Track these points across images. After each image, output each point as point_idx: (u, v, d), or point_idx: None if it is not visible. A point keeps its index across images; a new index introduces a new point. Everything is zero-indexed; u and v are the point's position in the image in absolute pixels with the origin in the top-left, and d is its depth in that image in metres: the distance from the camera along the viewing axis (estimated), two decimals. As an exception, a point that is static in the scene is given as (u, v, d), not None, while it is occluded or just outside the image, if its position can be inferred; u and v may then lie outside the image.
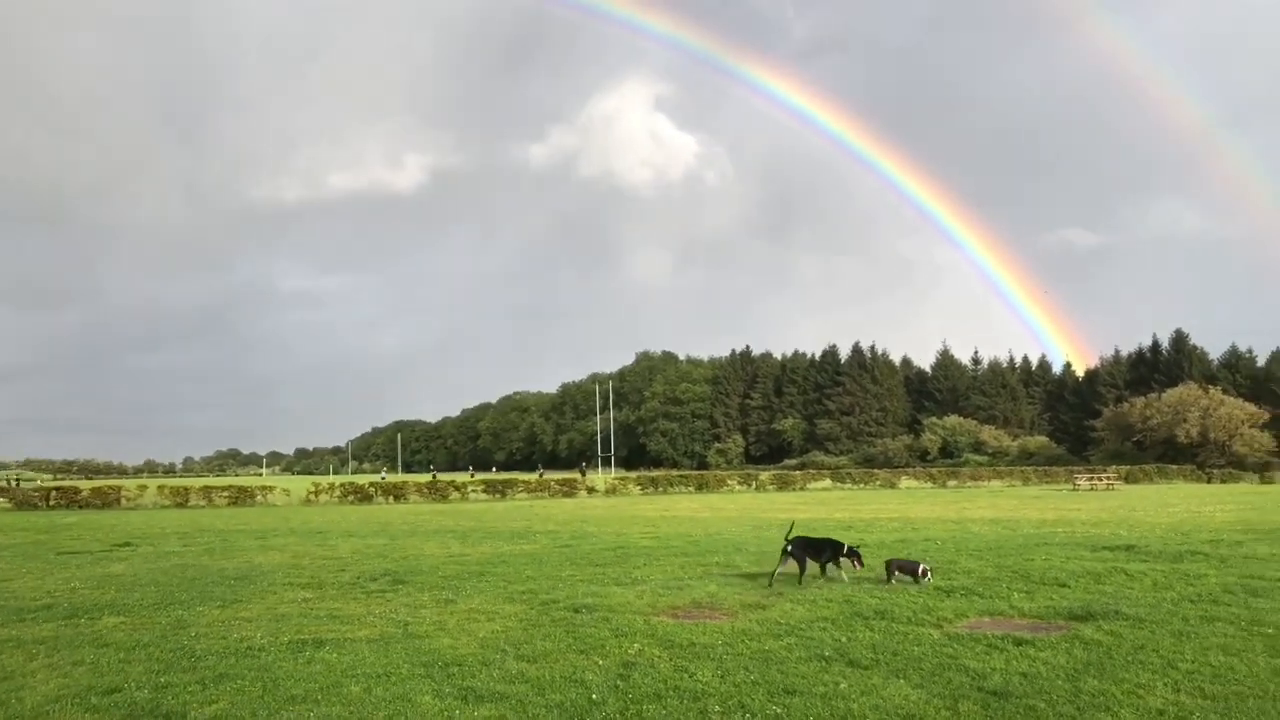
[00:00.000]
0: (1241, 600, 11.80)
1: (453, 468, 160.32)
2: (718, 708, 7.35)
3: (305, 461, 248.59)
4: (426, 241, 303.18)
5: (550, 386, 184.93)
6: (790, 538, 14.44)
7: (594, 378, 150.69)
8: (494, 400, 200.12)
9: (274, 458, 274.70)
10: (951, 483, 67.29)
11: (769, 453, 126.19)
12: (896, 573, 13.95)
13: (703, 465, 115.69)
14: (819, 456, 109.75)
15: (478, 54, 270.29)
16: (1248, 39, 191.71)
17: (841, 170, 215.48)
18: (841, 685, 7.93)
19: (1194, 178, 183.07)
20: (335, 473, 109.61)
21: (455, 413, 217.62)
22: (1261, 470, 71.69)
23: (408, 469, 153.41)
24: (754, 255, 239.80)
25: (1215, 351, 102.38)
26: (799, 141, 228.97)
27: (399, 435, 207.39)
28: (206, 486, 53.55)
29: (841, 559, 14.52)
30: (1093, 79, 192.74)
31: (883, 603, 12.04)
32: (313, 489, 50.88)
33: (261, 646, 9.93)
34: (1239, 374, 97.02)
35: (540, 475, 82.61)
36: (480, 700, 7.71)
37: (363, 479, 76.09)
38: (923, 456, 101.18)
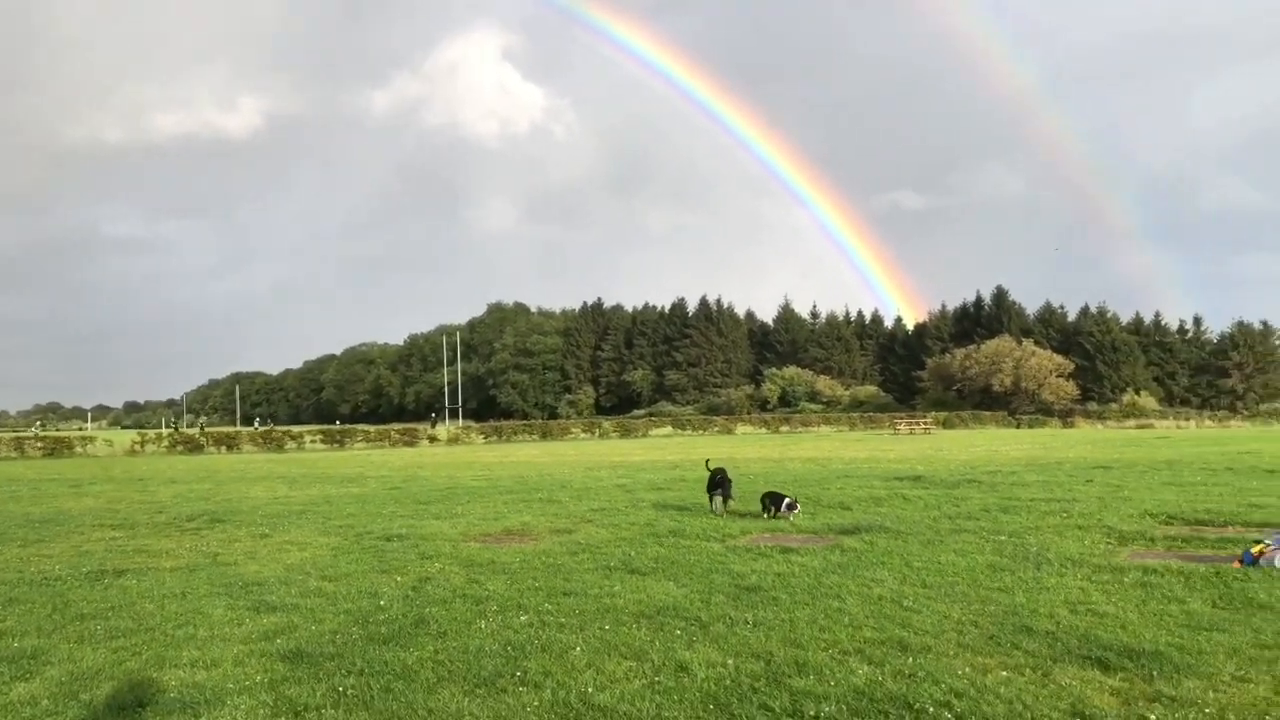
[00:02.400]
0: (992, 516, 13.26)
1: (295, 421, 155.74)
2: (496, 608, 8.01)
3: (136, 415, 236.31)
4: (264, 188, 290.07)
5: (397, 338, 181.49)
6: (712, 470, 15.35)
7: (442, 329, 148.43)
8: (338, 352, 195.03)
9: (100, 411, 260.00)
10: (784, 428, 70.30)
11: (619, 403, 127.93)
12: (770, 506, 13.88)
13: (553, 417, 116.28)
14: (666, 406, 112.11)
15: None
16: (1070, 9, 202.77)
17: (690, 126, 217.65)
18: (616, 588, 8.72)
19: (1015, 144, 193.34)
20: (167, 426, 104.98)
21: (297, 365, 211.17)
22: (1065, 416, 77.71)
23: (247, 422, 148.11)
24: (603, 209, 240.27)
25: (1032, 307, 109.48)
26: (648, 97, 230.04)
27: (237, 387, 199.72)
28: (17, 438, 50.73)
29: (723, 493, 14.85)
30: (929, 46, 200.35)
31: (679, 525, 12.99)
32: (138, 439, 48.99)
33: (59, 577, 10.01)
34: (1051, 328, 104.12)
35: (433, 423, 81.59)
36: (271, 610, 8.14)
37: (192, 431, 73.42)
38: (763, 405, 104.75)
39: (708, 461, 16.14)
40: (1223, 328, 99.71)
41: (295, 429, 64.09)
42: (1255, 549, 9.12)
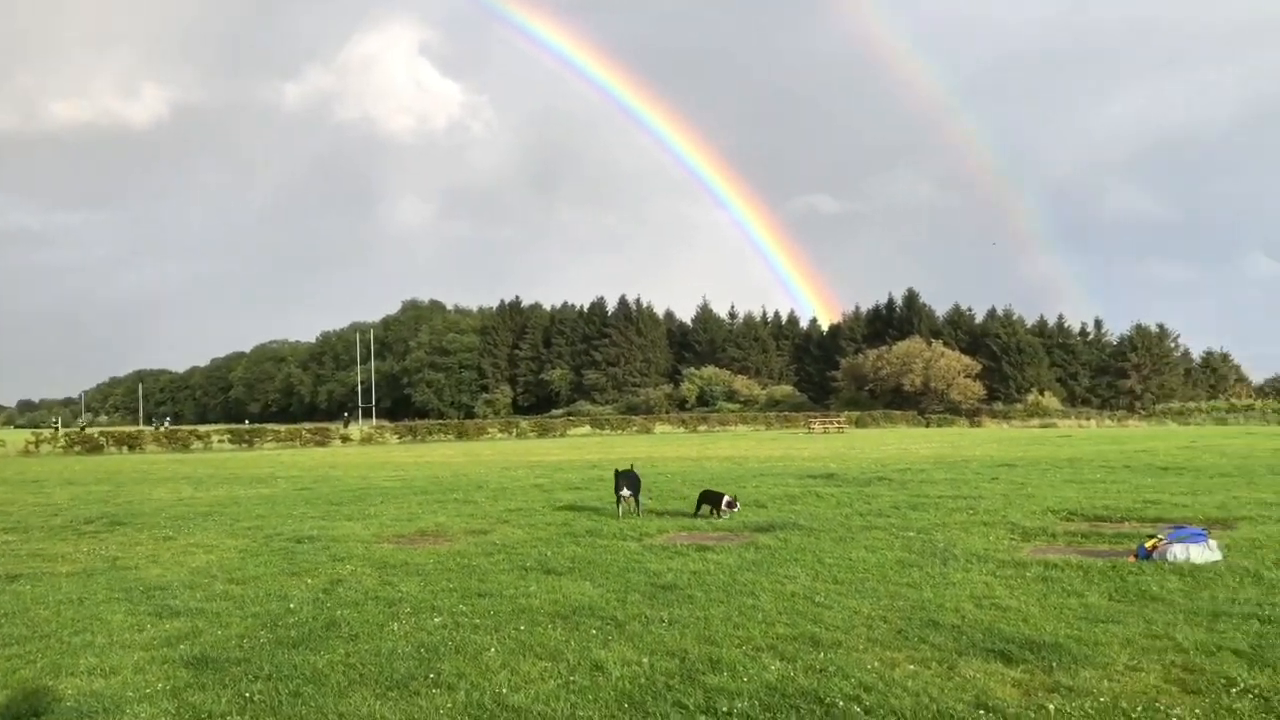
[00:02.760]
0: (902, 513, 13.57)
1: (202, 420, 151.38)
2: (409, 609, 7.90)
3: (31, 414, 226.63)
4: (169, 180, 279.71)
5: (309, 335, 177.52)
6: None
7: (356, 327, 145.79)
8: (248, 350, 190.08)
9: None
10: (702, 427, 70.86)
11: (537, 403, 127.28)
12: (707, 505, 13.73)
13: (470, 416, 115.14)
14: (585, 406, 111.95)
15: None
16: (981, 20, 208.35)
17: (609, 125, 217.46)
18: (532, 588, 8.69)
19: (928, 151, 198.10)
20: (66, 426, 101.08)
21: (204, 362, 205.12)
22: (972, 415, 79.88)
23: (149, 422, 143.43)
24: (521, 206, 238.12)
25: (941, 309, 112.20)
26: (568, 94, 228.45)
27: (140, 386, 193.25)
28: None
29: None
30: (846, 52, 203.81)
31: (597, 524, 12.99)
32: (32, 439, 47.05)
33: (-53, 583, 9.56)
34: (960, 330, 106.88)
35: (346, 422, 79.96)
36: (174, 615, 7.91)
37: (93, 429, 70.78)
38: (681, 405, 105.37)
39: (631, 466, 15.43)
40: (1122, 330, 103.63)
41: (202, 428, 62.32)
42: (1149, 544, 9.50)
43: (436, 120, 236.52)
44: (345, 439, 58.31)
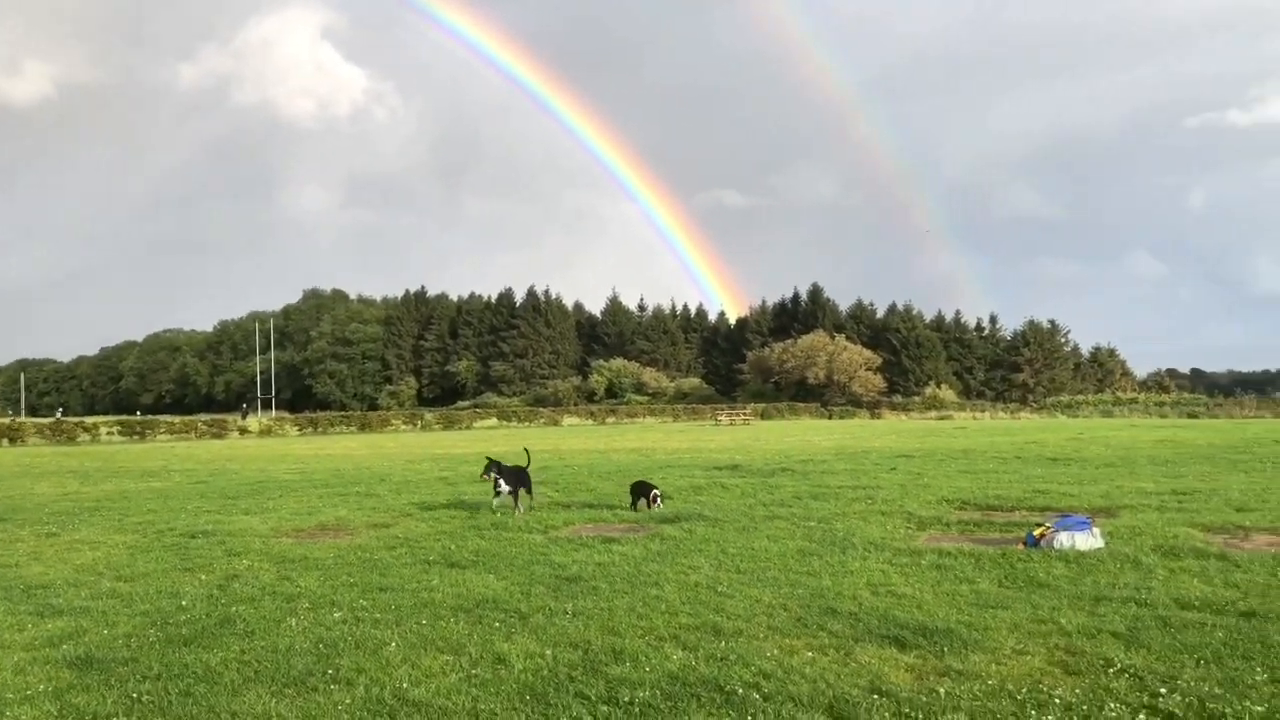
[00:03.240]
0: (804, 504, 13.82)
1: (90, 411, 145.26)
2: (308, 605, 7.74)
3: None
4: (55, 161, 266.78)
5: (206, 324, 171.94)
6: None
7: (255, 316, 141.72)
8: (140, 339, 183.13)
9: None
10: (610, 420, 71.05)
11: (443, 394, 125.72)
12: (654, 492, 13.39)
13: (373, 408, 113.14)
14: (492, 398, 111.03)
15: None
16: (885, 22, 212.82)
17: (518, 115, 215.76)
18: (434, 582, 8.59)
19: (832, 149, 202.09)
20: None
21: (93, 351, 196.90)
22: (873, 408, 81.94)
23: (33, 413, 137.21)
24: (427, 196, 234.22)
25: (845, 304, 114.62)
26: (476, 83, 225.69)
27: (23, 375, 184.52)
28: None
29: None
30: (755, 47, 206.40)
31: (502, 517, 12.91)
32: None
33: None
34: (862, 324, 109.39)
35: (244, 414, 77.53)
36: (58, 614, 7.60)
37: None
38: (590, 397, 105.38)
39: (528, 462, 14.78)
40: (1016, 326, 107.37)
41: (90, 420, 59.84)
42: (1037, 531, 9.87)
43: (340, 106, 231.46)
44: (243, 431, 56.72)
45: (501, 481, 13.47)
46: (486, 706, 5.30)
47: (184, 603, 7.91)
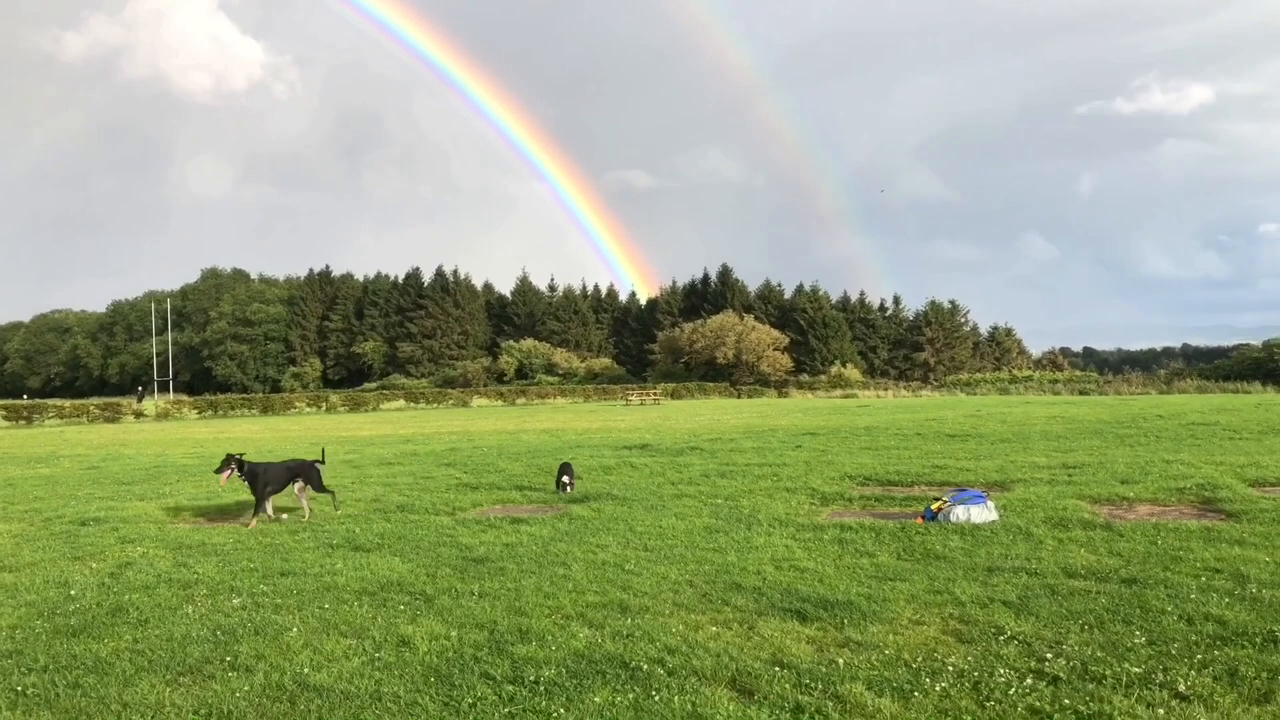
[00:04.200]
0: (711, 481, 13.99)
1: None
2: (205, 591, 7.55)
3: None
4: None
5: (98, 305, 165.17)
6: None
7: (152, 296, 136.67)
8: (26, 319, 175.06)
9: None
10: (520, 401, 70.64)
11: (349, 376, 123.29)
12: (564, 478, 13.24)
13: (276, 390, 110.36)
14: (400, 379, 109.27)
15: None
16: (789, 5, 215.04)
17: (422, 90, 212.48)
18: (338, 565, 8.46)
19: (736, 131, 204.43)
20: None
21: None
22: (780, 387, 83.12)
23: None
24: (330, 174, 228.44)
25: (753, 285, 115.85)
26: (380, 59, 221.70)
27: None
28: None
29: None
30: (662, 28, 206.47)
31: (408, 499, 12.76)
32: None
33: None
34: (770, 304, 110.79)
35: (140, 397, 74.67)
36: (-64, 607, 7.26)
37: None
38: (500, 378, 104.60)
39: (321, 456, 13.12)
40: (918, 306, 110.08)
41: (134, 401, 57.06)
42: (935, 506, 10.18)
43: (236, 81, 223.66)
44: (139, 415, 54.75)
45: (295, 479, 11.62)
46: (390, 689, 5.26)
47: (73, 592, 7.63)
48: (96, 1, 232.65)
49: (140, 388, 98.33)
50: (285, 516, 11.51)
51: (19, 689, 5.37)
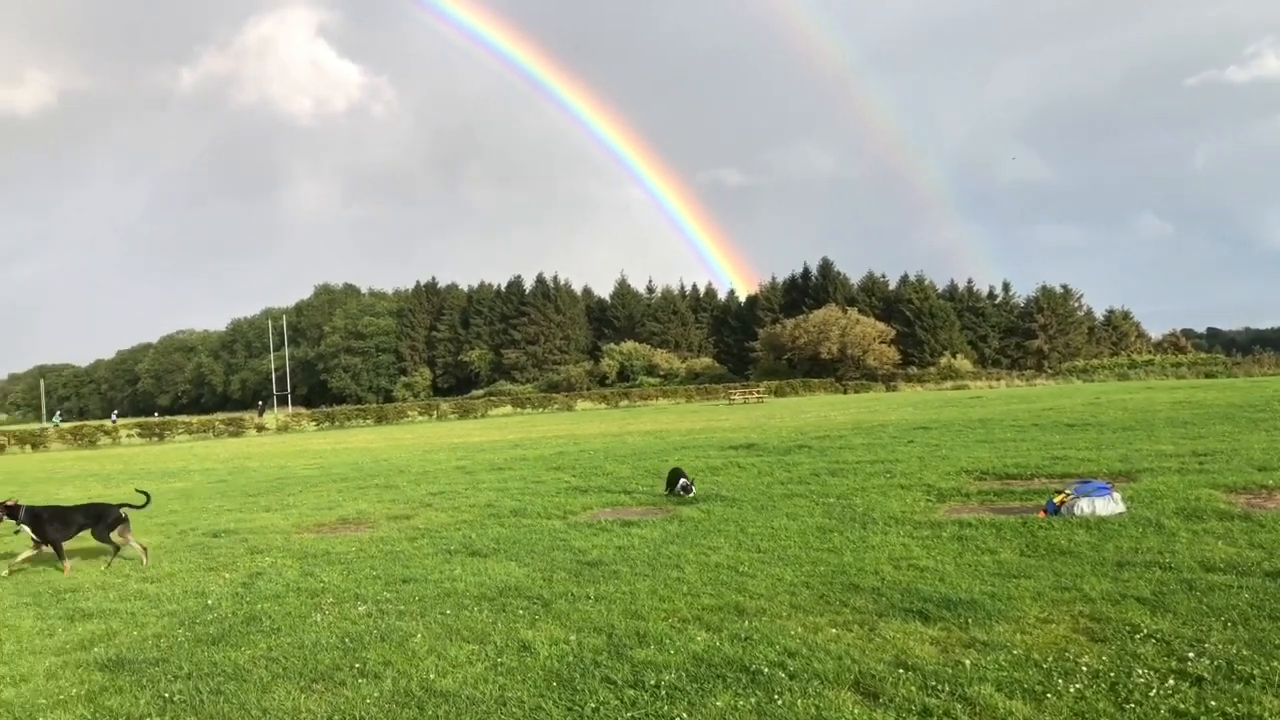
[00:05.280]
0: (821, 480, 13.82)
1: (108, 414, 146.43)
2: (332, 599, 7.79)
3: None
4: (59, 169, 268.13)
5: (219, 324, 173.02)
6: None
7: (268, 313, 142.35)
8: (155, 340, 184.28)
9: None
10: (623, 403, 71.04)
11: (457, 384, 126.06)
12: (682, 480, 12.98)
13: (389, 400, 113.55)
14: (505, 385, 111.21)
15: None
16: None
17: (515, 101, 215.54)
18: (457, 571, 8.63)
19: (827, 122, 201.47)
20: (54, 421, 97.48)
21: (109, 355, 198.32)
22: (888, 380, 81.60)
23: (49, 417, 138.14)
24: (428, 188, 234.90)
25: (856, 277, 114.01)
26: (471, 72, 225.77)
27: (42, 382, 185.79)
28: None
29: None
30: (746, 24, 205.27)
31: (520, 504, 12.95)
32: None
33: None
34: (874, 296, 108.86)
35: (261, 411, 78.16)
36: (88, 618, 7.67)
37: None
38: (602, 381, 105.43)
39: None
40: (1028, 292, 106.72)
41: (109, 422, 60.25)
42: (1058, 499, 9.84)
43: (336, 103, 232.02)
44: (260, 428, 57.01)
45: (27, 528, 10.10)
46: (514, 694, 5.33)
47: (210, 602, 7.97)
48: (207, 35, 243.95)
49: (261, 402, 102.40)
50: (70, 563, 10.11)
51: (166, 695, 5.63)
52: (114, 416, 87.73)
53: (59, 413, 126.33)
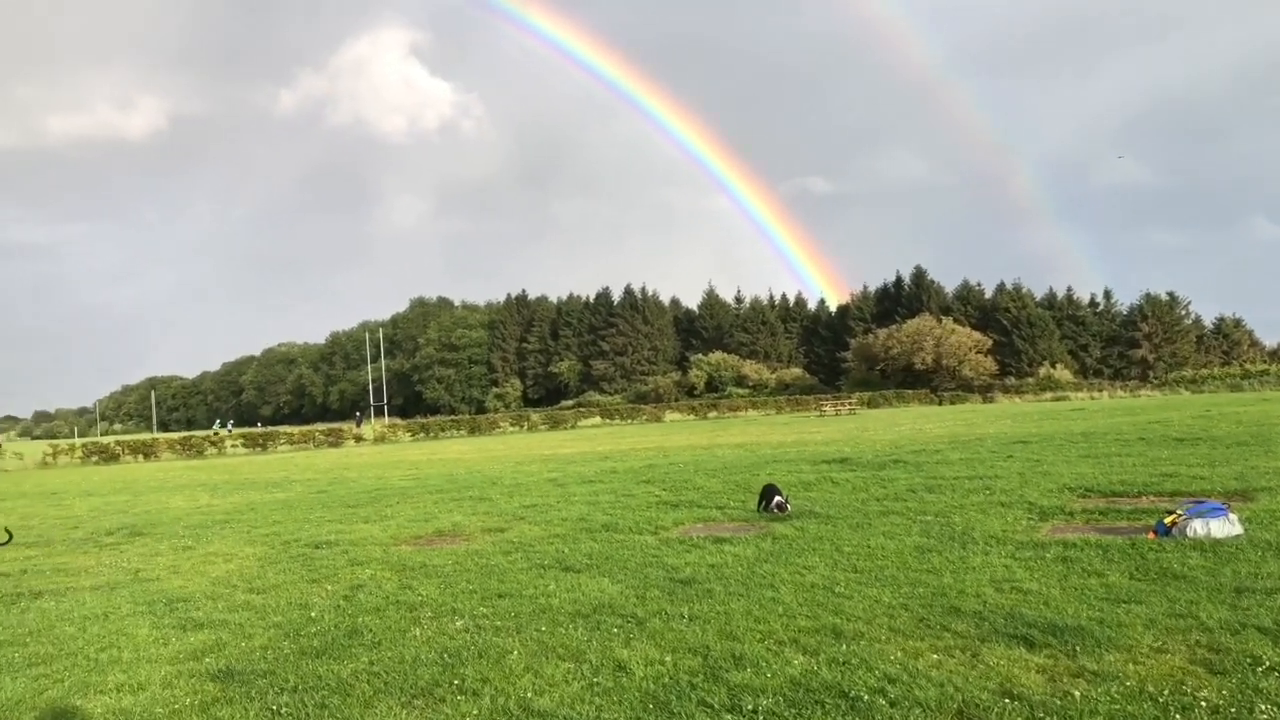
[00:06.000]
0: (919, 496, 13.53)
1: (214, 425, 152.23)
2: (430, 614, 7.92)
3: (46, 425, 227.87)
4: (169, 189, 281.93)
5: (318, 337, 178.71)
6: None
7: (365, 326, 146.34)
8: (257, 353, 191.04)
9: (8, 422, 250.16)
10: (712, 414, 70.84)
11: (547, 395, 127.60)
12: (777, 498, 12.70)
13: (481, 410, 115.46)
14: (594, 396, 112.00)
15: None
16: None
17: (601, 114, 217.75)
18: (551, 587, 8.69)
19: (917, 128, 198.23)
20: (81, 435, 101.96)
21: (215, 367, 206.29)
22: (984, 391, 79.72)
23: (164, 428, 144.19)
24: (518, 201, 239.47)
25: (950, 286, 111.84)
26: (557, 86, 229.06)
27: (153, 393, 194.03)
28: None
29: None
30: (834, 29, 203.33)
31: (611, 518, 13.00)
32: (50, 451, 47.30)
33: (-29, 602, 9.61)
34: (970, 305, 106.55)
35: (358, 422, 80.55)
36: (199, 627, 7.94)
37: (109, 439, 71.12)
38: (690, 391, 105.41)
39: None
40: (1131, 300, 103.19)
41: (221, 430, 62.56)
42: (1168, 519, 9.45)
43: (428, 120, 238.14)
44: (358, 439, 58.48)
45: None
46: (610, 716, 5.34)
47: (313, 614, 8.18)
48: (304, 57, 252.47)
49: (358, 413, 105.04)
50: None
51: (274, 708, 5.79)
52: (229, 425, 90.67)
53: (230, 420, 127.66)
